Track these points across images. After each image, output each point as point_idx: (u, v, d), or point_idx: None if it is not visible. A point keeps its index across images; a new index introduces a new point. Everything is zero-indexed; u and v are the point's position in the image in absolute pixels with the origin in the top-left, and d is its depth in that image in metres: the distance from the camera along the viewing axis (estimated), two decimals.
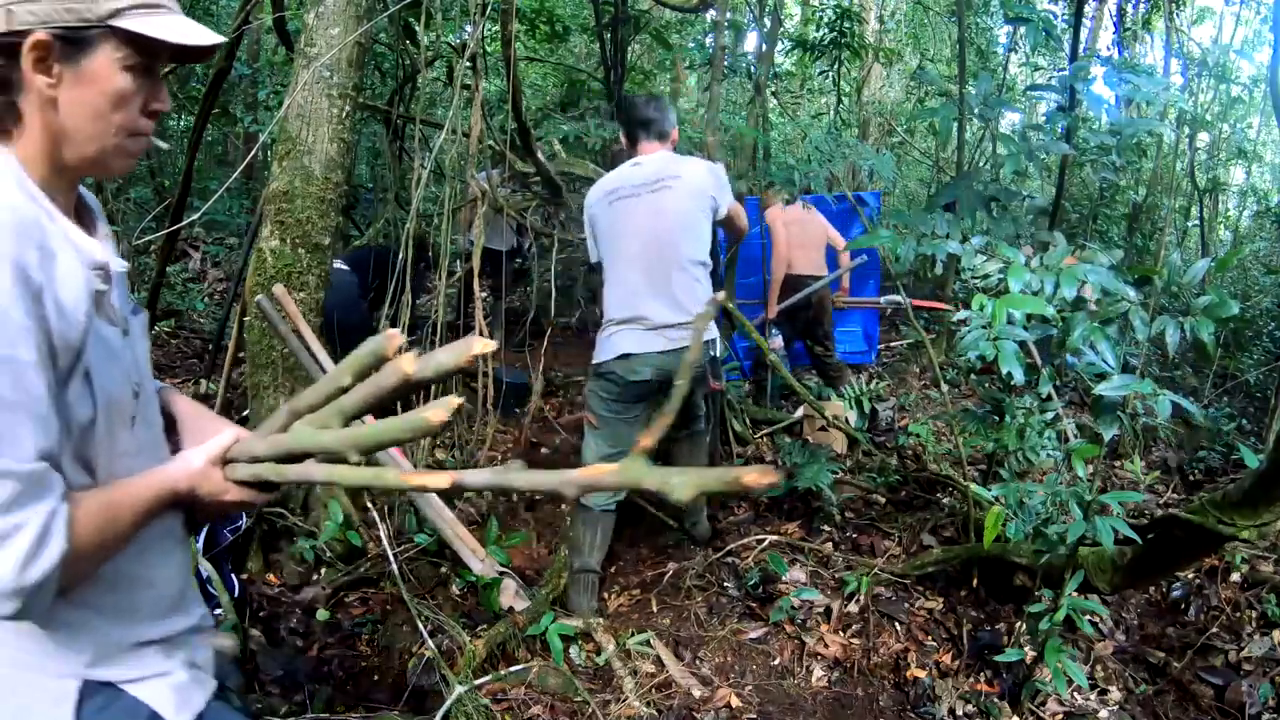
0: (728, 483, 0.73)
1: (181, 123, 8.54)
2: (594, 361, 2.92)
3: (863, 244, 2.85)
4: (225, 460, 1.03)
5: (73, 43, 0.90)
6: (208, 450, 1.03)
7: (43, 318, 0.86)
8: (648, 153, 2.89)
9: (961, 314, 2.29)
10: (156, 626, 1.05)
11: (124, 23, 0.92)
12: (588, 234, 2.98)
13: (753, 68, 5.15)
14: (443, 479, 0.87)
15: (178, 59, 1.04)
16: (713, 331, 3.00)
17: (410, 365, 0.85)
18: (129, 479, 0.99)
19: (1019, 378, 2.14)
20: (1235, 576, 2.96)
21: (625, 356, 2.79)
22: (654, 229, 2.79)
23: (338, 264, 4.09)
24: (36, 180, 0.92)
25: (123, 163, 1.00)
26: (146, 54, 0.95)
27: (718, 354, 3.19)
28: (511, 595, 2.78)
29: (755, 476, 0.71)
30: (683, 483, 0.75)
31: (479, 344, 0.82)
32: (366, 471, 0.95)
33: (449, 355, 0.83)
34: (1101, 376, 2.07)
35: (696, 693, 2.57)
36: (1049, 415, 2.75)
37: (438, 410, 0.82)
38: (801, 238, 5.13)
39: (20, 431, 0.84)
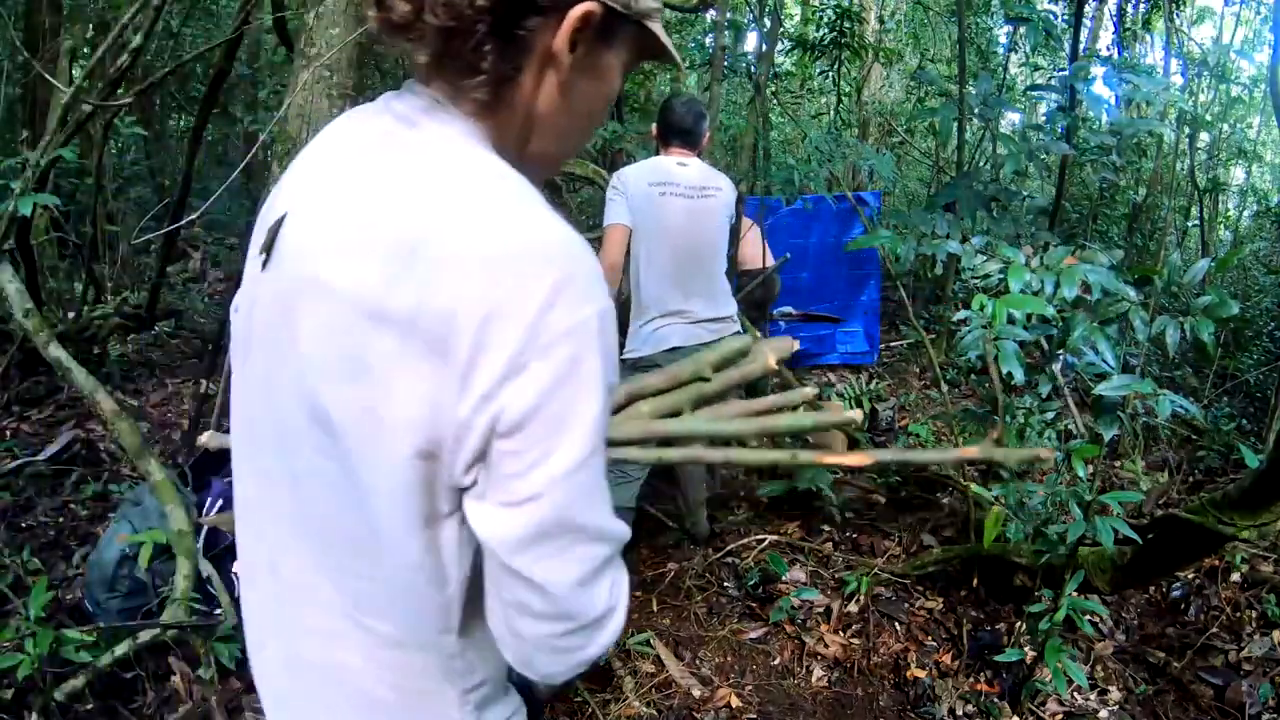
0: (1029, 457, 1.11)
1: (181, 123, 8.55)
2: (632, 354, 2.91)
3: (862, 244, 2.85)
4: None
5: (610, 26, 0.75)
6: None
7: None
8: (683, 156, 2.95)
9: (962, 314, 2.28)
10: None
11: (653, 25, 0.79)
12: (619, 200, 2.85)
13: (753, 68, 5.15)
14: (861, 458, 1.04)
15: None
16: (738, 324, 3.14)
17: (773, 359, 1.00)
18: None
19: (1019, 377, 2.14)
20: (1235, 576, 2.96)
21: (673, 350, 2.85)
22: (701, 233, 2.93)
23: None
24: None
25: (557, 169, 0.87)
26: (640, 60, 0.83)
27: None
28: None
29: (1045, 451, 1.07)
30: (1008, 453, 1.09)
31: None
32: (779, 453, 1.07)
33: (775, 351, 1.06)
34: (1101, 376, 2.07)
35: (696, 693, 2.57)
36: (1049, 415, 2.75)
37: (856, 411, 1.04)
38: (753, 236, 5.16)
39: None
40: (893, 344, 6.91)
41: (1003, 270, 2.20)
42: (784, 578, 3.06)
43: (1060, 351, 2.26)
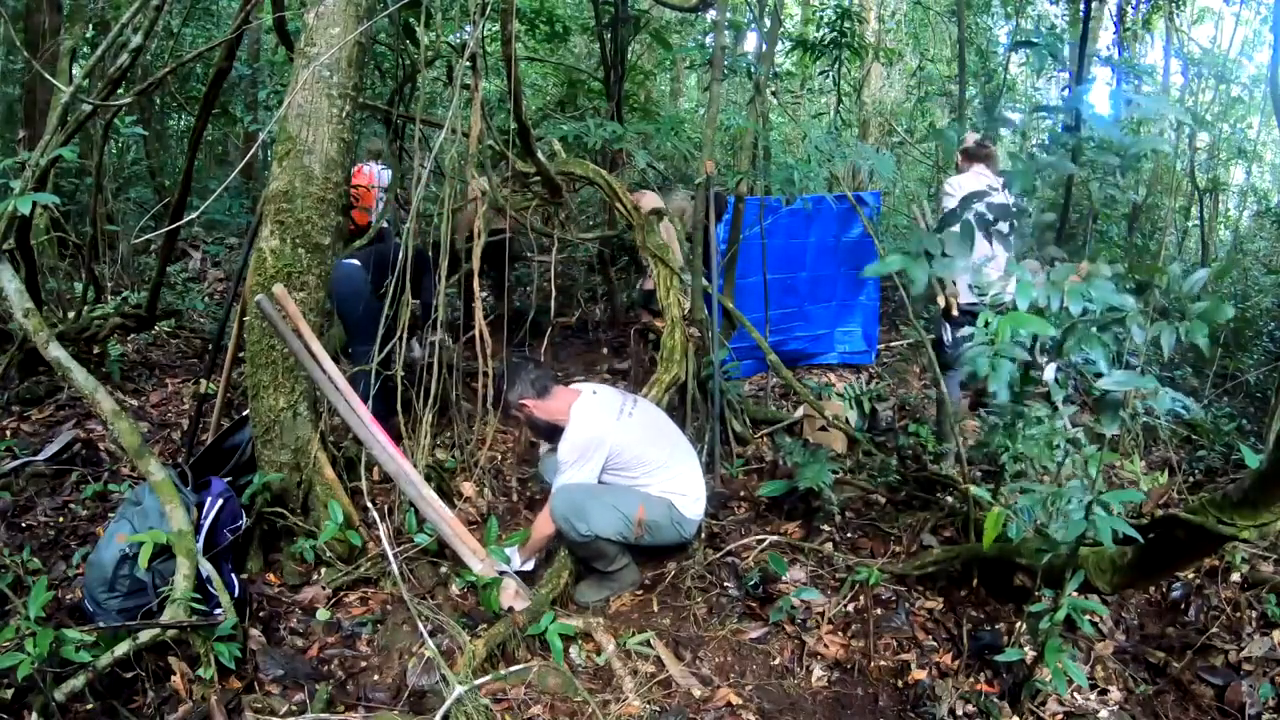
0: None
1: (181, 123, 8.55)
2: None
3: (879, 270, 2.81)
4: None
5: None
6: None
7: None
8: None
9: (965, 330, 2.27)
10: None
11: None
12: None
13: (753, 68, 5.15)
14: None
15: None
16: None
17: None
18: None
19: (1003, 397, 2.12)
20: (1235, 576, 2.96)
21: None
22: None
23: (352, 261, 4.09)
24: None
25: None
26: None
27: None
28: (511, 595, 2.78)
29: None
30: None
31: None
32: None
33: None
34: (1101, 375, 2.07)
35: (696, 693, 2.57)
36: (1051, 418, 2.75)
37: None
38: None
39: None
40: (893, 344, 6.90)
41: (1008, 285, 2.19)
42: (784, 578, 3.06)
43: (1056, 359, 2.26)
